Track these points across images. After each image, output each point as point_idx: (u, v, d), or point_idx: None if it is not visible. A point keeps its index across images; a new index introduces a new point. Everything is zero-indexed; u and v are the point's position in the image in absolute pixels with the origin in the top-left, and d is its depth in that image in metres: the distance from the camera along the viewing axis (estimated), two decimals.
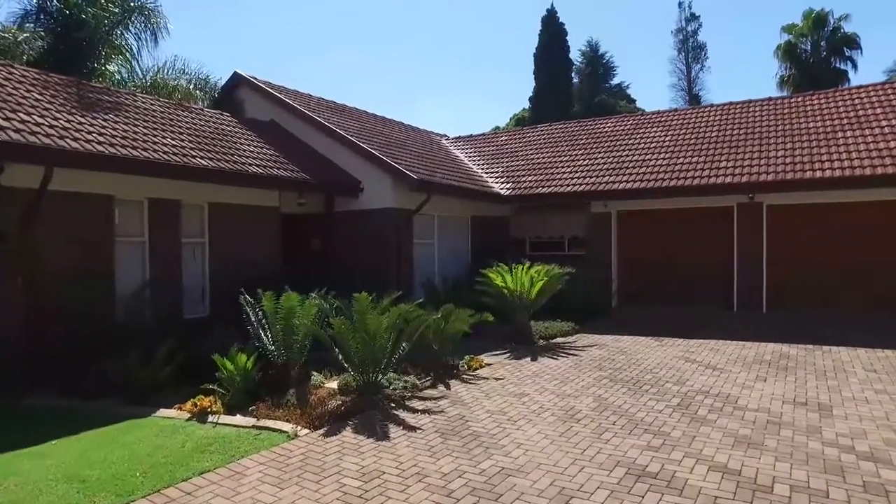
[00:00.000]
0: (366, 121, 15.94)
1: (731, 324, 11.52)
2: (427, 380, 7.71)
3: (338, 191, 12.10)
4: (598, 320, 12.51)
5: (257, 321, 7.47)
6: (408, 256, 12.33)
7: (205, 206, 10.07)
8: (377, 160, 11.90)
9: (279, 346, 7.28)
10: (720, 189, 12.13)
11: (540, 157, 16.21)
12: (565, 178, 14.38)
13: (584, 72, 46.33)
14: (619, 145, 15.35)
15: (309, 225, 13.16)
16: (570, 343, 10.25)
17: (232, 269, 10.30)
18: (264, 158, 10.95)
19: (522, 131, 19.27)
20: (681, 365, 8.22)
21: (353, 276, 12.38)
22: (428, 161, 13.89)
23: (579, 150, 15.83)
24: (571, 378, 7.62)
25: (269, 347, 7.27)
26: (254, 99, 14.58)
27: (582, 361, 8.67)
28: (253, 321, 7.41)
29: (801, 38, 33.58)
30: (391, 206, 11.88)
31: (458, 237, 14.50)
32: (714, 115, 15.40)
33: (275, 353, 7.25)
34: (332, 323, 6.55)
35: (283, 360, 7.32)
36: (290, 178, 10.69)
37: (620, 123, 16.95)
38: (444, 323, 8.19)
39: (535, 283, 10.29)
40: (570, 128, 17.98)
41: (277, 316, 7.23)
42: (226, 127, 11.86)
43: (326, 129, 12.93)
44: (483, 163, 16.96)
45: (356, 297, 6.87)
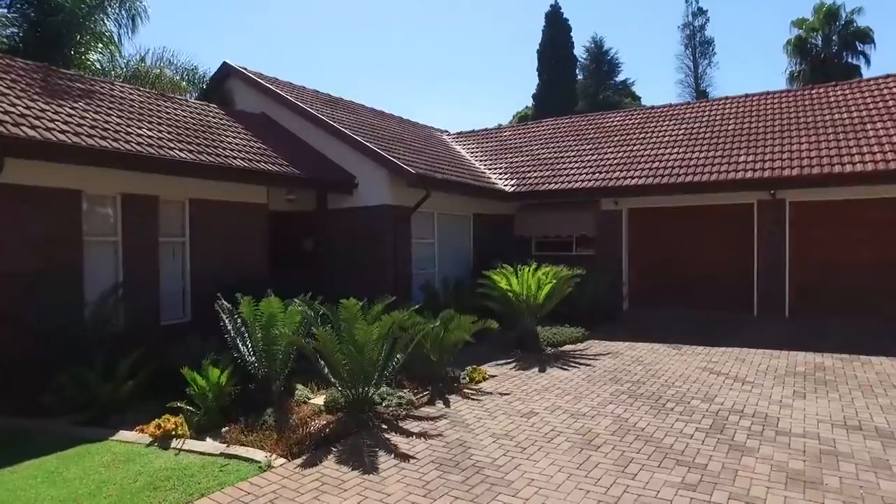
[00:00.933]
0: (362, 114, 15.17)
1: (753, 330, 10.71)
2: (424, 395, 6.94)
3: (330, 187, 11.34)
4: (608, 325, 11.73)
5: (235, 329, 6.71)
6: (406, 257, 11.57)
7: (185, 203, 9.30)
8: (372, 154, 11.13)
9: (259, 358, 6.52)
10: (739, 185, 11.33)
11: (546, 153, 15.42)
12: (573, 173, 13.60)
13: (589, 68, 45.53)
14: (630, 140, 14.56)
15: (300, 224, 12.40)
16: (581, 351, 9.46)
17: (215, 270, 9.55)
18: (251, 152, 10.19)
19: (527, 126, 18.48)
20: (705, 377, 7.43)
21: (347, 278, 11.64)
22: (427, 156, 13.12)
23: (587, 145, 15.04)
24: (585, 393, 6.83)
25: (248, 359, 6.51)
26: (244, 91, 13.83)
27: (595, 373, 7.89)
28: (230, 329, 6.65)
29: (811, 33, 32.71)
30: (387, 202, 11.11)
31: (459, 236, 13.73)
32: (730, 108, 14.59)
33: (255, 364, 6.49)
34: (315, 333, 5.77)
35: (263, 372, 6.56)
36: (277, 172, 9.92)
37: (630, 117, 16.15)
38: (444, 331, 7.41)
39: (543, 286, 9.51)
40: (577, 122, 17.19)
41: (257, 324, 6.48)
42: (211, 119, 11.10)
43: (319, 122, 12.16)
44: (486, 159, 16.18)
45: (343, 304, 6.10)
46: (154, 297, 8.69)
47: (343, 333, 6.08)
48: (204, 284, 9.25)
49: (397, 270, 11.22)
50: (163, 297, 8.88)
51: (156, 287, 8.74)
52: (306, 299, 6.94)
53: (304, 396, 6.87)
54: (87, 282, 7.84)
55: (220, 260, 9.68)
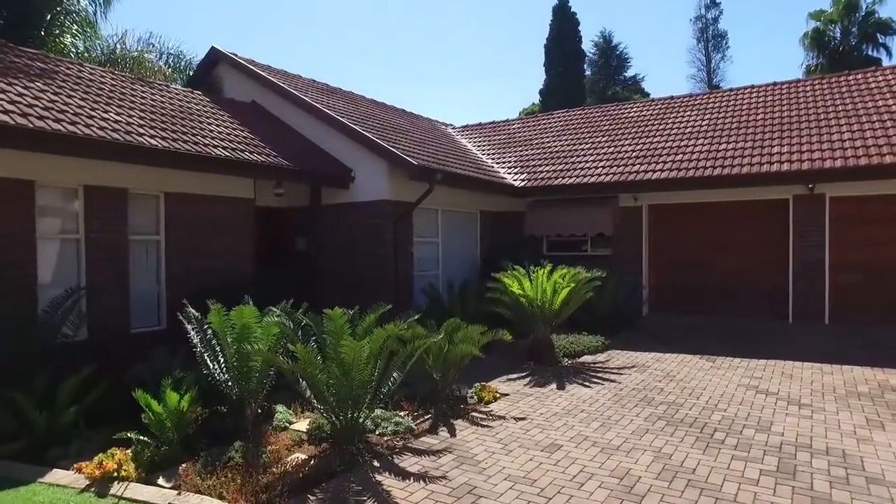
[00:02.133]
0: (361, 104, 14.18)
1: (792, 339, 9.66)
2: (425, 419, 5.94)
3: (324, 180, 10.33)
4: (629, 333, 10.70)
5: (204, 342, 5.72)
6: (407, 257, 10.57)
7: (160, 197, 8.32)
8: (370, 143, 10.13)
9: (233, 376, 5.54)
10: (774, 178, 10.27)
11: (558, 145, 14.39)
12: (588, 167, 12.56)
13: (597, 64, 44.48)
14: (649, 131, 13.51)
15: (292, 221, 11.41)
16: (602, 364, 8.44)
17: (195, 272, 8.58)
18: (236, 141, 9.20)
19: (537, 118, 17.45)
20: (752, 398, 6.40)
21: (343, 280, 10.65)
22: (430, 148, 12.11)
23: (602, 137, 14.00)
24: (615, 418, 5.81)
25: (218, 377, 5.52)
26: (234, 78, 12.85)
27: (623, 391, 6.86)
28: (197, 342, 5.66)
29: (830, 25, 31.53)
30: (387, 197, 10.11)
31: (465, 235, 12.72)
32: (757, 97, 13.52)
33: (228, 384, 5.51)
34: (294, 350, 4.77)
35: (236, 393, 5.58)
36: (264, 163, 8.93)
37: (648, 108, 15.09)
38: (448, 345, 6.40)
39: (560, 291, 8.49)
40: (590, 113, 16.14)
41: (229, 337, 5.49)
42: (193, 105, 10.13)
43: (312, 109, 11.17)
44: (493, 152, 15.16)
45: (328, 315, 5.10)
46: (122, 302, 7.71)
47: (328, 350, 5.09)
48: (182, 287, 8.30)
49: (397, 272, 10.22)
50: (133, 301, 7.90)
51: (125, 291, 7.76)
52: (287, 307, 5.94)
53: (285, 420, 5.87)
54: (41, 286, 6.87)
55: (201, 260, 8.70)
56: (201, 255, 8.73)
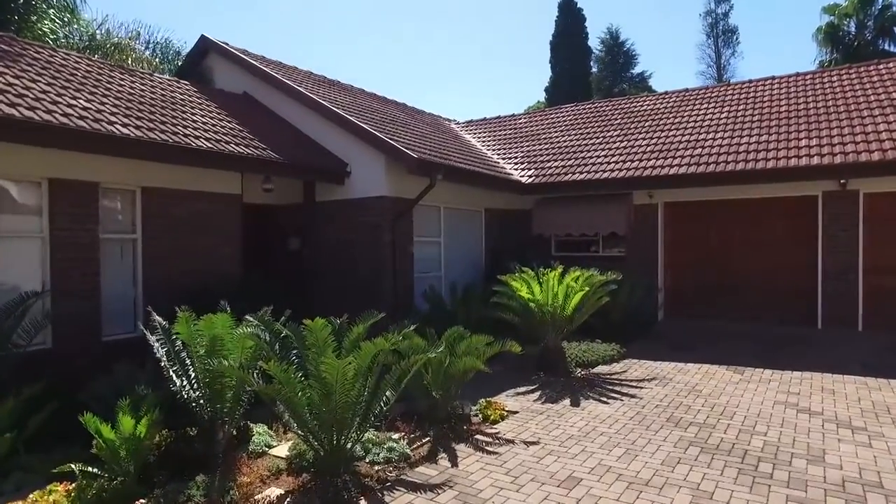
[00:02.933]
0: (360, 97, 13.47)
1: (825, 347, 8.89)
2: (424, 442, 5.22)
3: (317, 174, 9.61)
4: (645, 340, 9.95)
5: (172, 355, 5.02)
6: (407, 258, 9.85)
7: (136, 192, 7.63)
8: (367, 135, 9.42)
9: (203, 394, 4.84)
10: (802, 173, 9.49)
11: (567, 140, 13.64)
12: (599, 162, 11.81)
13: (604, 60, 43.71)
14: (664, 125, 12.75)
15: (284, 219, 10.72)
16: (619, 375, 7.70)
17: (176, 274, 7.90)
18: (221, 132, 8.50)
19: (545, 112, 16.70)
20: (793, 418, 5.65)
21: (338, 283, 9.95)
22: (432, 142, 11.39)
23: (614, 132, 13.25)
24: (640, 443, 5.07)
25: (187, 395, 4.82)
26: (225, 69, 12.16)
27: (645, 408, 6.12)
28: (162, 355, 4.96)
29: (844, 19, 30.66)
30: (384, 193, 9.39)
31: (469, 234, 11.99)
32: (779, 88, 12.74)
33: (200, 402, 4.81)
34: (268, 368, 4.05)
35: (208, 413, 4.87)
36: (249, 156, 8.21)
37: (662, 101, 14.33)
38: (450, 357, 5.68)
39: (572, 295, 7.75)
40: (601, 107, 15.39)
41: (199, 350, 4.79)
42: (178, 95, 9.44)
43: (305, 100, 10.47)
44: (499, 148, 14.43)
45: (308, 327, 4.38)
46: (92, 307, 7.01)
47: (311, 366, 4.37)
48: (161, 291, 7.62)
49: (396, 274, 9.51)
50: (105, 306, 7.20)
51: (95, 294, 7.05)
52: (267, 315, 5.23)
53: (264, 444, 5.16)
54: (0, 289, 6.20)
55: (183, 261, 8.01)
56: (183, 255, 8.05)
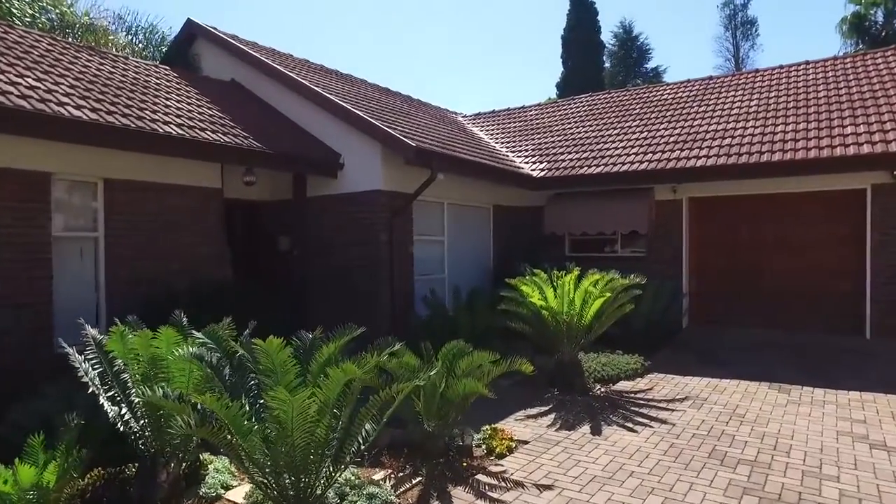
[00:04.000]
0: (359, 86, 12.57)
1: (880, 361, 7.84)
2: (413, 484, 4.29)
3: (306, 166, 8.69)
4: (670, 351, 8.95)
5: (108, 377, 4.13)
6: (406, 259, 8.92)
7: (98, 184, 6.78)
8: (362, 124, 8.50)
9: (142, 426, 3.96)
10: (847, 163, 8.45)
11: (582, 131, 12.65)
12: (618, 154, 10.82)
13: (617, 55, 42.60)
14: (688, 114, 11.73)
15: (274, 217, 9.85)
16: (645, 393, 6.72)
17: (146, 278, 7.05)
18: (198, 119, 7.63)
19: (557, 104, 15.71)
20: (867, 456, 4.64)
21: (332, 287, 9.04)
22: (435, 133, 10.46)
23: (633, 122, 12.24)
24: (678, 488, 4.10)
25: (125, 426, 3.94)
26: (213, 55, 11.32)
27: (679, 438, 5.15)
28: (91, 378, 4.07)
29: (871, 9, 29.34)
30: (380, 187, 8.47)
31: (475, 233, 11.05)
32: (815, 73, 11.68)
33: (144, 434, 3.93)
34: (204, 402, 3.13)
35: (152, 447, 3.99)
36: (227, 145, 7.32)
37: (685, 89, 13.29)
38: (447, 379, 4.74)
39: (591, 302, 6.78)
40: (618, 97, 14.38)
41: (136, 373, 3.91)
42: (153, 79, 8.59)
43: (296, 86, 9.58)
44: (509, 141, 13.47)
45: (261, 348, 3.47)
46: (41, 316, 6.15)
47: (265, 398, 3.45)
48: (128, 296, 6.79)
49: (394, 276, 8.59)
50: (60, 314, 6.34)
51: (45, 301, 6.20)
52: (223, 328, 4.32)
53: (220, 484, 4.26)
54: None
55: (154, 263, 7.16)
56: (154, 256, 7.19)
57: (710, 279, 10.53)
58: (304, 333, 4.30)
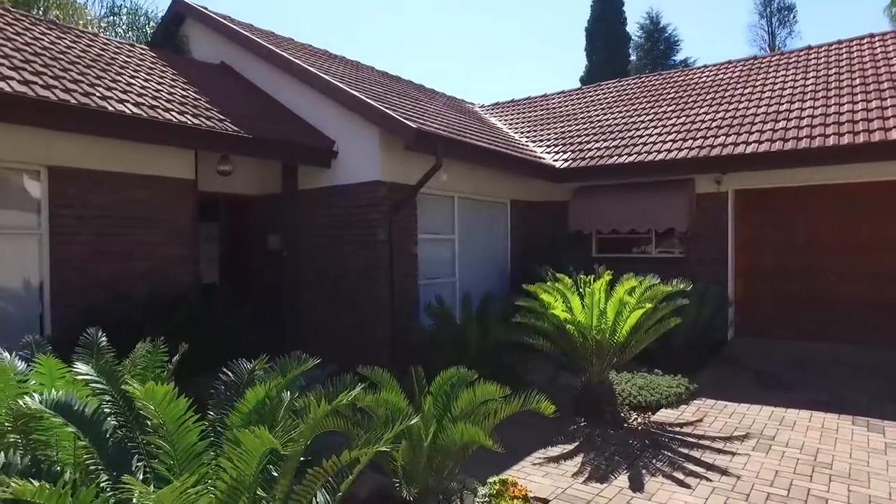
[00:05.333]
0: (365, 71, 11.47)
1: None
2: None
3: (294, 153, 7.58)
4: (717, 369, 7.65)
5: None
6: (408, 260, 7.77)
7: (41, 173, 5.77)
8: (358, 105, 7.37)
9: None
10: None
11: (610, 118, 11.36)
12: (652, 142, 9.51)
13: (643, 47, 40.87)
14: (731, 97, 10.35)
15: (263, 213, 8.80)
16: (692, 426, 5.45)
17: (101, 282, 6.05)
18: (166, 99, 6.57)
19: (582, 91, 14.39)
20: None
21: (325, 293, 7.96)
22: (444, 119, 9.28)
23: (669, 107, 10.90)
24: None
25: None
26: (202, 36, 10.34)
27: (749, 500, 3.89)
28: None
29: None
30: (378, 178, 7.33)
31: (491, 232, 9.85)
32: (884, 46, 10.20)
33: None
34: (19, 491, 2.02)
35: None
36: (197, 128, 6.24)
37: (726, 71, 11.89)
38: (441, 422, 3.57)
39: (627, 314, 5.52)
40: (650, 81, 13.03)
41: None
42: (122, 56, 7.59)
43: (287, 65, 8.50)
44: (529, 130, 12.23)
45: (136, 396, 2.33)
46: None
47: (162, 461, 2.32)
48: (78, 304, 5.78)
49: (394, 280, 7.44)
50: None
51: None
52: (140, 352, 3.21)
53: None
54: None
55: (110, 266, 6.15)
56: (109, 258, 6.16)
57: (759, 284, 9.15)
58: (242, 363, 3.17)
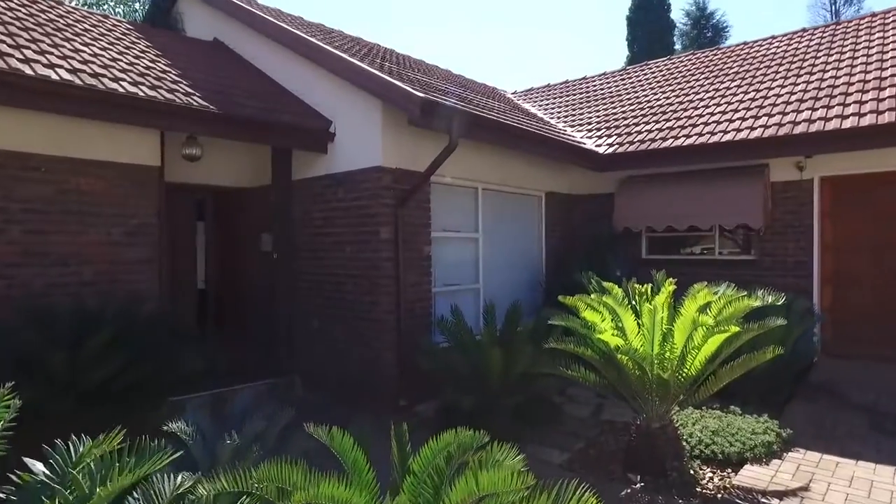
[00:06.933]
0: (378, 50, 10.19)
1: None
2: None
3: (283, 136, 6.28)
4: (811, 404, 6.05)
5: None
6: (419, 263, 6.42)
7: None
8: (357, 74, 6.06)
9: None
10: None
11: (662, 98, 9.77)
12: (715, 122, 7.91)
13: (689, 35, 38.47)
14: (812, 66, 8.65)
15: (256, 208, 7.61)
16: (797, 497, 3.92)
17: (27, 291, 4.91)
18: (119, 69, 5.40)
19: (626, 71, 12.76)
20: None
21: (323, 302, 6.70)
22: (465, 97, 7.90)
23: (733, 82, 9.25)
24: None
25: None
26: (198, 13, 9.27)
27: None
28: None
29: None
30: (380, 163, 6.00)
31: (522, 229, 8.42)
32: None
33: None
34: None
35: None
36: (154, 101, 5.04)
37: (801, 39, 10.14)
38: None
39: (702, 340, 4.02)
40: (706, 58, 11.33)
41: None
42: (87, 24, 6.50)
43: (278, 34, 7.28)
44: (566, 115, 10.74)
45: None
46: None
47: None
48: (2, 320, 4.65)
49: (400, 288, 6.10)
50: None
51: None
52: None
53: None
54: None
55: (41, 270, 5.01)
56: (43, 261, 5.03)
57: (853, 293, 7.44)
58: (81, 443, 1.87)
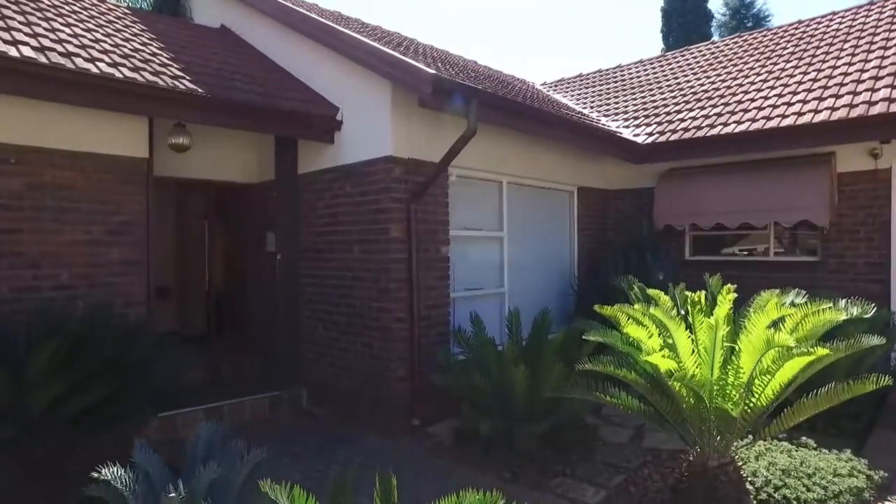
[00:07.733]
0: (396, 37, 9.53)
1: None
2: None
3: (279, 121, 5.61)
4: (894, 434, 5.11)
5: None
6: (435, 265, 5.73)
7: None
8: (365, 54, 5.40)
9: None
10: None
11: (706, 82, 8.87)
12: (770, 105, 7.00)
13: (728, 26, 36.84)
14: (885, 40, 7.64)
15: (258, 205, 7.03)
16: None
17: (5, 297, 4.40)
18: (100, 50, 4.86)
19: (665, 57, 11.83)
20: None
21: (330, 308, 6.07)
22: (486, 82, 7.17)
23: (788, 63, 8.30)
24: None
25: None
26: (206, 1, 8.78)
27: None
28: None
29: None
30: (389, 153, 5.33)
31: (551, 227, 7.65)
32: None
33: None
34: None
35: None
36: (125, 81, 4.46)
37: (867, 14, 9.09)
38: None
39: (777, 364, 3.22)
40: (753, 38, 10.35)
41: None
42: (77, 6, 6.00)
43: (288, 16, 6.69)
44: (601, 104, 9.92)
45: None
46: None
47: None
48: None
49: (413, 294, 5.42)
50: None
51: None
52: None
53: None
54: None
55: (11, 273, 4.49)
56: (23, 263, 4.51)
57: None
58: None
